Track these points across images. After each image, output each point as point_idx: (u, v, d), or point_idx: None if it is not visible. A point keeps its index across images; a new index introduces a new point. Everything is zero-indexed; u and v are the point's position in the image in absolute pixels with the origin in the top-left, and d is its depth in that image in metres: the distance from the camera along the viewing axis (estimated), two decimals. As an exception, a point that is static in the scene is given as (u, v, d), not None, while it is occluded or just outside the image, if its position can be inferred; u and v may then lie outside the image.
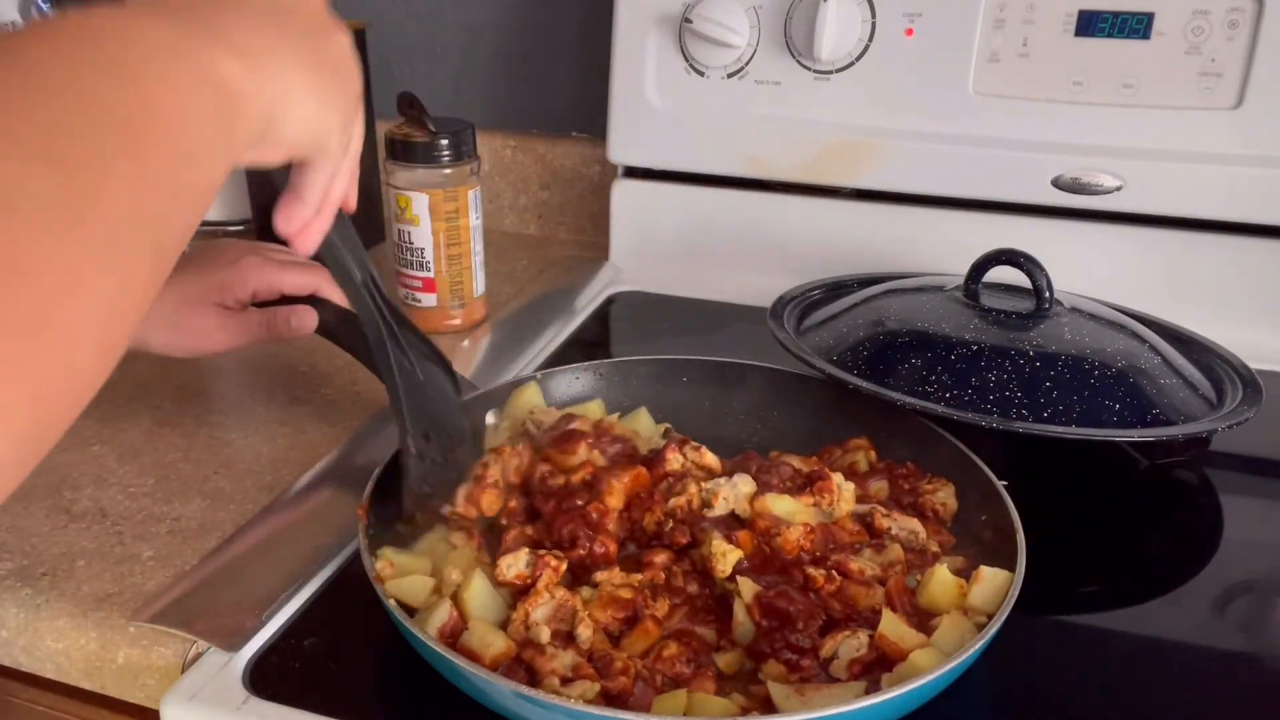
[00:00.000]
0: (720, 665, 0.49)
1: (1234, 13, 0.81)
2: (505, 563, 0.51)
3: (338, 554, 0.58)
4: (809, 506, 0.56)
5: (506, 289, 0.99)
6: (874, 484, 0.61)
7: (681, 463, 0.59)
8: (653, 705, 0.45)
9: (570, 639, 0.48)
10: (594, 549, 0.52)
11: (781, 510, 0.55)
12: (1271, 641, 0.55)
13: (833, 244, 0.97)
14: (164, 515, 0.63)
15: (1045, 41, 0.86)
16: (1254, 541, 0.64)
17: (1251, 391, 0.68)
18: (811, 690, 0.46)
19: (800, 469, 0.60)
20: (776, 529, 0.53)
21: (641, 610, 0.50)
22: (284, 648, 0.51)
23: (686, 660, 0.48)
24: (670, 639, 0.49)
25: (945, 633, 0.48)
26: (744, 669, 0.49)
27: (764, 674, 0.48)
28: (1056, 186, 0.88)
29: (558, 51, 1.14)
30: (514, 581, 0.51)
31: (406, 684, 0.49)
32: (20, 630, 0.54)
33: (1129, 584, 0.60)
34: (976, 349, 0.67)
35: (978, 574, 0.50)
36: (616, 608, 0.49)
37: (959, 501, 0.60)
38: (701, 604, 0.52)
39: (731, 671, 0.49)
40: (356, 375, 0.80)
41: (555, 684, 0.45)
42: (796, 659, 0.47)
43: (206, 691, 0.48)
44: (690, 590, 0.53)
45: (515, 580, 0.50)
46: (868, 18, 0.89)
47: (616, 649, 0.48)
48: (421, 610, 0.50)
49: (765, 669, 0.48)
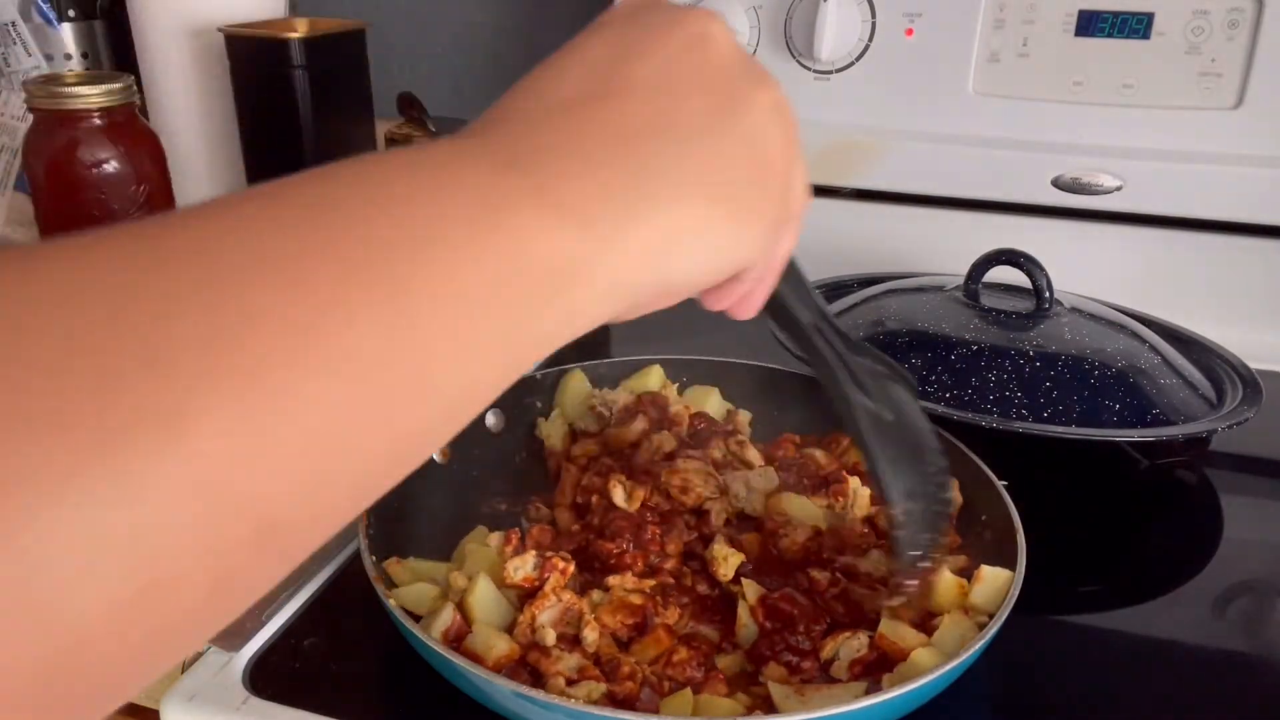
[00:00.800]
0: (720, 666, 0.49)
1: (1234, 13, 0.81)
2: (513, 565, 0.51)
3: (338, 554, 0.58)
4: (822, 507, 0.56)
5: (506, 289, 0.99)
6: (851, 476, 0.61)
7: (724, 453, 0.59)
8: (660, 707, 0.45)
9: (576, 642, 0.48)
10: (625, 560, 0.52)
11: (795, 509, 0.55)
12: (1271, 641, 0.55)
13: (833, 244, 0.97)
14: (164, 515, 0.62)
15: (1045, 41, 0.86)
16: (1254, 542, 0.64)
17: (1251, 392, 0.68)
18: (812, 690, 0.46)
19: (823, 465, 0.60)
20: (785, 530, 0.53)
21: (652, 618, 0.50)
22: (284, 648, 0.51)
23: (697, 664, 0.48)
24: (680, 644, 0.49)
25: (946, 632, 0.48)
26: (744, 671, 0.49)
27: (765, 676, 0.48)
28: (1056, 186, 0.88)
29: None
30: (521, 584, 0.50)
31: (407, 684, 0.49)
32: (20, 630, 0.54)
33: (1129, 584, 0.60)
34: (976, 349, 0.67)
35: (979, 573, 0.50)
36: (626, 613, 0.49)
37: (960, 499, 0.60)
38: (710, 604, 0.52)
39: (731, 674, 0.49)
40: (356, 375, 0.80)
41: (560, 684, 0.45)
42: (797, 661, 0.47)
43: (206, 691, 0.48)
44: (700, 590, 0.53)
45: (522, 582, 0.50)
46: (868, 18, 0.89)
47: (625, 654, 0.48)
48: (425, 615, 0.50)
49: (766, 671, 0.48)
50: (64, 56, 1.13)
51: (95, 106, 0.84)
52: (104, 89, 0.84)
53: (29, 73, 1.05)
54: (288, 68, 0.96)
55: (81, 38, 1.14)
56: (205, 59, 1.04)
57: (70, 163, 0.84)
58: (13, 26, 1.05)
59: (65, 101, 0.83)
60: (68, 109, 0.83)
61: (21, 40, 1.06)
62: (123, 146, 0.86)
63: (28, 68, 1.06)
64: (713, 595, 0.52)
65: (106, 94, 0.84)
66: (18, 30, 1.05)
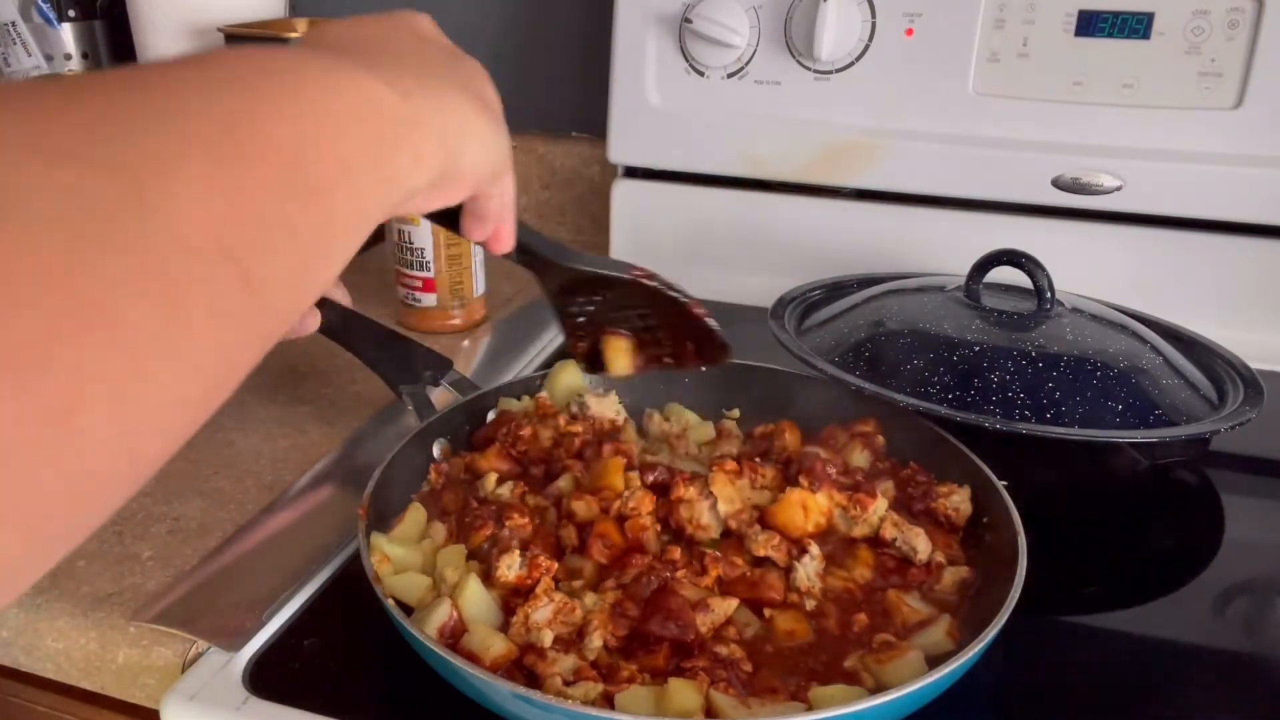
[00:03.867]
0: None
1: (1234, 13, 0.81)
2: (505, 562, 0.51)
3: (338, 554, 0.58)
4: (838, 507, 0.56)
5: (506, 289, 0.99)
6: (881, 485, 0.60)
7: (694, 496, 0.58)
8: (667, 698, 0.44)
9: (570, 643, 0.48)
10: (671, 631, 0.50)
11: (802, 501, 0.55)
12: (1272, 641, 0.55)
13: (833, 244, 0.97)
14: (164, 515, 0.62)
15: (1045, 41, 0.86)
16: (1255, 542, 0.64)
17: (1253, 392, 0.68)
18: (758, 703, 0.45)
19: (857, 468, 0.61)
20: (759, 577, 0.53)
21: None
22: (284, 648, 0.51)
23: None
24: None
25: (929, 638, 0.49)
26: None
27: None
28: (1056, 186, 0.88)
29: (558, 51, 1.14)
30: (513, 583, 0.50)
31: (406, 684, 0.49)
32: (20, 630, 0.54)
33: (1130, 584, 0.60)
34: (978, 349, 0.67)
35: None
36: (620, 625, 0.49)
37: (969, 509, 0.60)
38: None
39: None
40: (356, 375, 0.80)
41: (558, 684, 0.44)
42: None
43: (206, 691, 0.48)
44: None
45: (515, 581, 0.50)
46: (868, 18, 0.89)
47: (625, 661, 0.47)
48: (419, 610, 0.50)
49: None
50: (64, 56, 1.13)
51: (95, 106, 0.84)
52: (104, 89, 0.84)
53: (29, 73, 1.05)
54: (288, 68, 0.96)
55: (81, 38, 1.14)
56: (205, 59, 1.04)
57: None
58: (13, 26, 1.05)
59: (65, 101, 0.83)
60: (67, 109, 0.83)
61: (21, 40, 1.06)
62: (123, 146, 0.85)
63: (28, 68, 1.06)
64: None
65: (106, 94, 0.84)
66: (18, 30, 1.05)
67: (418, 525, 0.55)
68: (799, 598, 0.52)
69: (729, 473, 0.57)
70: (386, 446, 0.60)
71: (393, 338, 0.74)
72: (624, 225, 1.04)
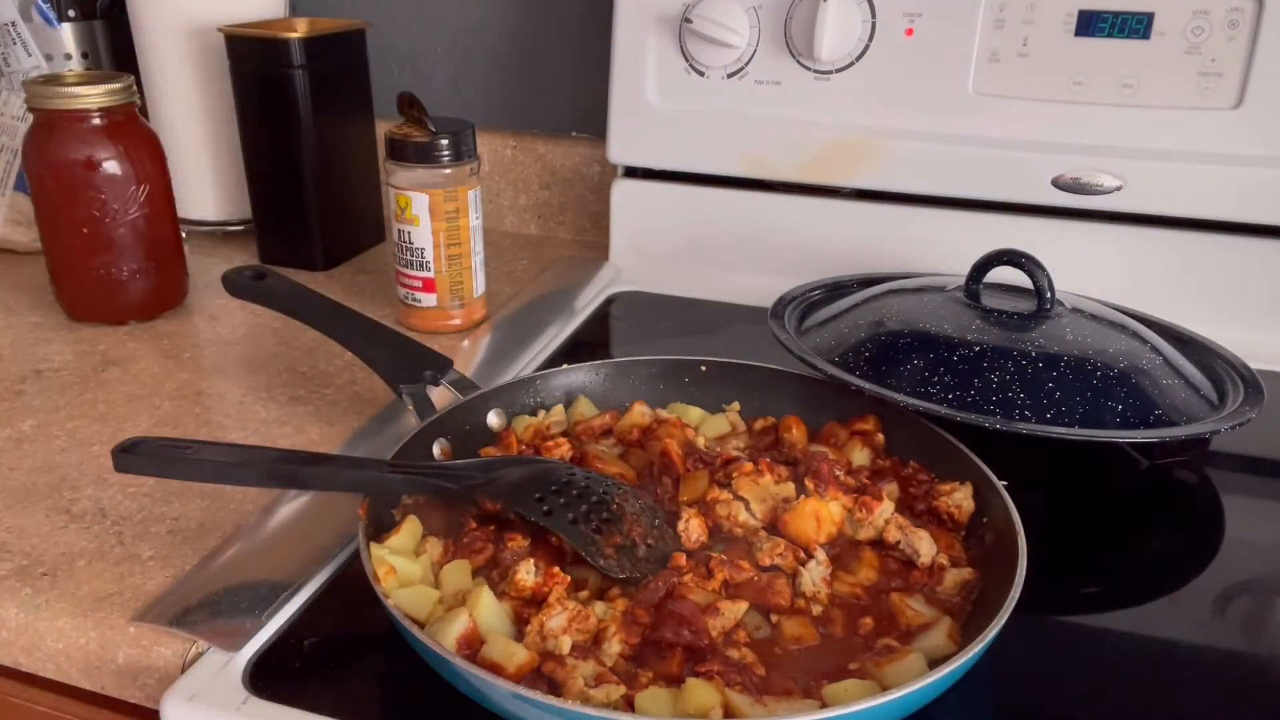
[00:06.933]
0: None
1: (1234, 13, 0.81)
2: (524, 568, 0.50)
3: (338, 554, 0.58)
4: (844, 509, 0.57)
5: (506, 289, 0.99)
6: (886, 487, 0.60)
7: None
8: (685, 697, 0.44)
9: (586, 651, 0.47)
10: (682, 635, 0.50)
11: (815, 512, 0.56)
12: (1272, 642, 0.55)
13: (833, 244, 0.97)
14: (164, 515, 0.62)
15: (1045, 41, 0.86)
16: (1255, 542, 0.64)
17: (1253, 392, 0.68)
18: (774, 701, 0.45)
19: (861, 468, 0.61)
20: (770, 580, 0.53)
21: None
22: (284, 648, 0.51)
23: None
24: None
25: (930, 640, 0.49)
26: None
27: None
28: (1056, 186, 0.88)
29: (558, 51, 1.14)
30: (531, 588, 0.50)
31: (406, 684, 0.49)
32: (20, 630, 0.54)
33: (1129, 584, 0.60)
34: (978, 349, 0.67)
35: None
36: (633, 632, 0.49)
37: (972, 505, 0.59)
38: None
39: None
40: (356, 375, 0.80)
41: (580, 686, 0.44)
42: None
43: (206, 691, 0.48)
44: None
45: (533, 587, 0.50)
46: (868, 18, 0.89)
47: (639, 669, 0.47)
48: (431, 623, 0.49)
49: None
50: (64, 56, 1.13)
51: (95, 106, 0.84)
52: (104, 89, 0.84)
53: (29, 73, 1.05)
54: (288, 68, 0.96)
55: (81, 38, 1.14)
56: (205, 59, 1.04)
57: (70, 163, 0.84)
58: (13, 26, 1.05)
59: (65, 101, 0.83)
60: (68, 109, 0.83)
61: (21, 40, 1.06)
62: (123, 146, 0.86)
63: (28, 68, 1.06)
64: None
65: (106, 94, 0.84)
66: (18, 30, 1.05)
67: (414, 537, 0.55)
68: (805, 603, 0.52)
69: (747, 474, 0.58)
70: (386, 447, 0.60)
71: (393, 337, 0.74)
72: (624, 225, 1.04)
